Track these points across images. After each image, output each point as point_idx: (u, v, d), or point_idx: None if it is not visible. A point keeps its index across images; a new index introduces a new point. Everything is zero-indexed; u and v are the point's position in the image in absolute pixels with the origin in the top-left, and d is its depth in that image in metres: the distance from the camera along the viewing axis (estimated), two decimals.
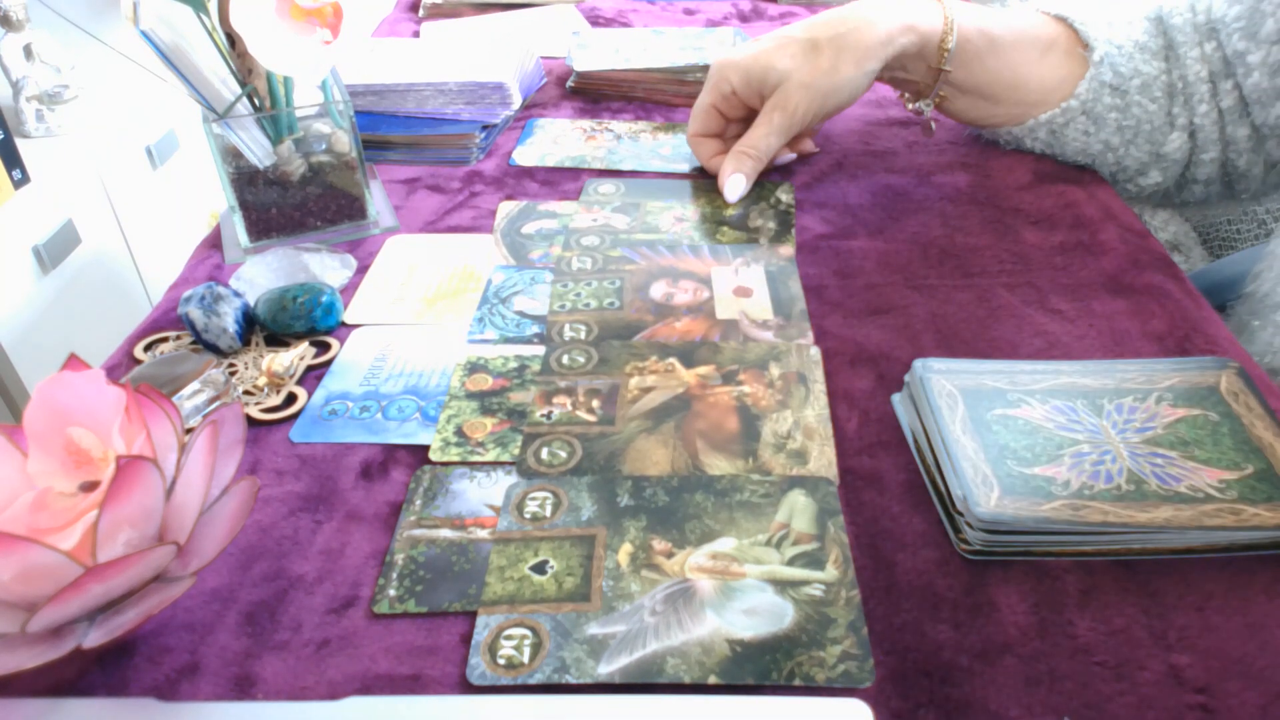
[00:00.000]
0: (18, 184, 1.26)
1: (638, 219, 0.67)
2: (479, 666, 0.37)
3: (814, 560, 0.41)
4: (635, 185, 0.73)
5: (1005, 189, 0.69)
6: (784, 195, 0.70)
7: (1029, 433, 0.44)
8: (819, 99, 0.67)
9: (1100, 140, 0.69)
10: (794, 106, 0.67)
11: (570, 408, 0.50)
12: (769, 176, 0.73)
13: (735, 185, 0.69)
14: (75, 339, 1.33)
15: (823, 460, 0.46)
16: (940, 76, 0.68)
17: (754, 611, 0.39)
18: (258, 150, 0.63)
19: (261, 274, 0.60)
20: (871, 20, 0.66)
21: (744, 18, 1.09)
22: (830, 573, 0.40)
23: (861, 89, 0.68)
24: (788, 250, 0.63)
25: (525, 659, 0.37)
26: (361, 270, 0.63)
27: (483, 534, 0.43)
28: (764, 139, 0.69)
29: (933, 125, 0.75)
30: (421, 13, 1.08)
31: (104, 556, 0.35)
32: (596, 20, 1.06)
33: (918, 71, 0.69)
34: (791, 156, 0.74)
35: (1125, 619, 0.38)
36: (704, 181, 0.73)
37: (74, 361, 0.38)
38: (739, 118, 0.72)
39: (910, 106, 0.74)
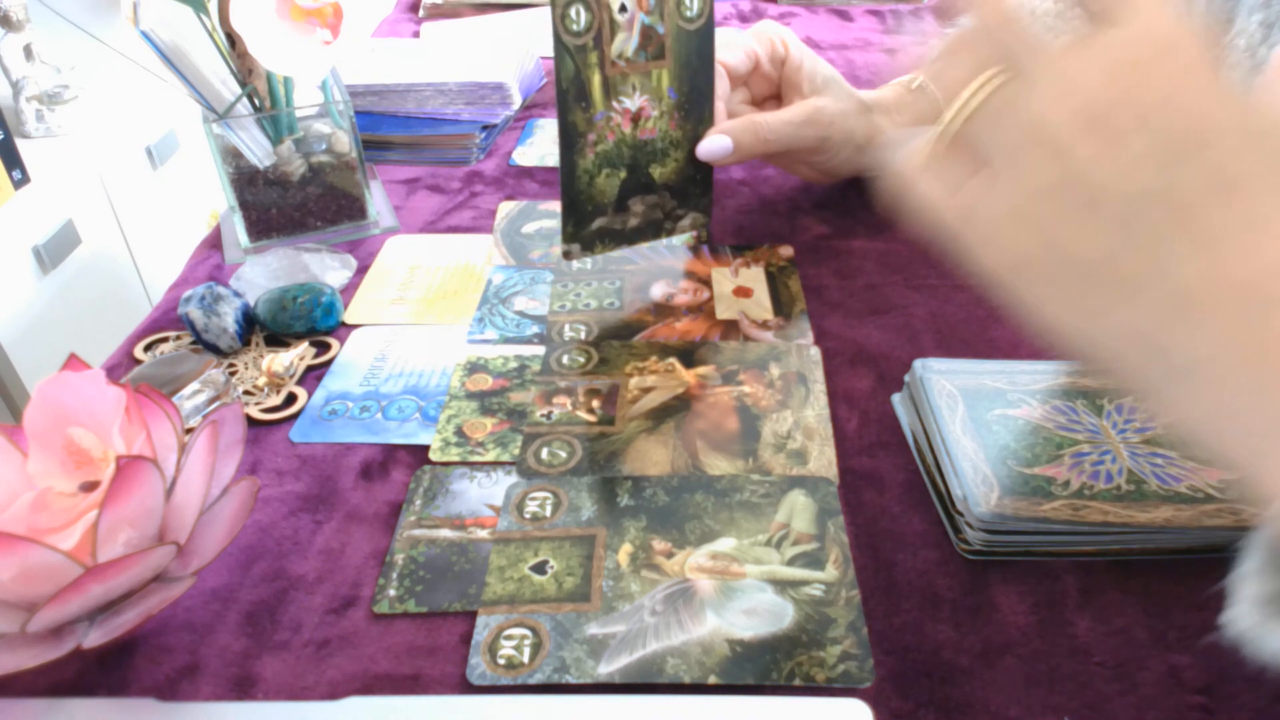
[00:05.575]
0: (18, 184, 1.26)
1: None
2: (479, 666, 0.37)
3: (814, 560, 0.41)
4: None
5: None
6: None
7: (1029, 433, 0.44)
8: (841, 133, 0.62)
9: None
10: (827, 118, 0.61)
11: (570, 408, 0.50)
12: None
13: (718, 145, 0.59)
14: (75, 339, 1.33)
15: (823, 460, 0.46)
16: None
17: (754, 611, 0.39)
18: (258, 150, 0.63)
19: (261, 274, 0.60)
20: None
21: (744, 18, 1.09)
22: (830, 573, 0.40)
23: (835, 172, 0.66)
24: (787, 250, 0.63)
25: (525, 659, 0.37)
26: (361, 270, 0.63)
27: (483, 534, 0.43)
28: (783, 127, 0.61)
29: None
30: (421, 13, 1.08)
31: (104, 556, 0.35)
32: None
33: None
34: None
35: (1125, 619, 0.38)
36: None
37: (74, 361, 0.38)
38: (742, 80, 0.65)
39: None
